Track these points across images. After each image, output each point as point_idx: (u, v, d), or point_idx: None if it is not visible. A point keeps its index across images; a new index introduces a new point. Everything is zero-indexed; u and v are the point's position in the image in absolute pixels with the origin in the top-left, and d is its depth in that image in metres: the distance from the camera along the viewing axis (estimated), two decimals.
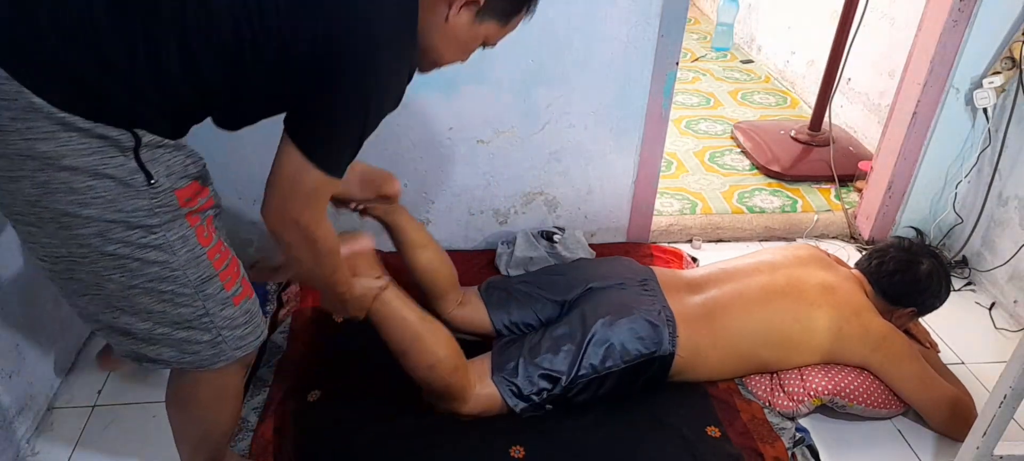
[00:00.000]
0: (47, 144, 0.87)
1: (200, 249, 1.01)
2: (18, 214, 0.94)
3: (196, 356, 1.06)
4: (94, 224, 0.92)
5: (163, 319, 1.01)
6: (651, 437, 1.43)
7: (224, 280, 1.05)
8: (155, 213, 0.95)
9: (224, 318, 1.05)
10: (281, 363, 1.59)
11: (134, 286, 0.97)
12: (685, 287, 1.59)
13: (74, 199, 0.90)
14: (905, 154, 2.06)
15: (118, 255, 0.94)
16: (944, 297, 1.63)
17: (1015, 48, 1.88)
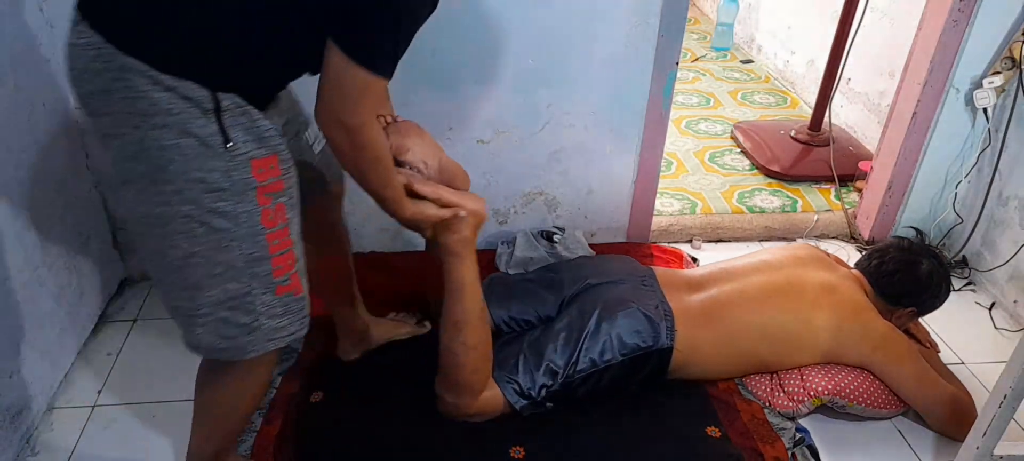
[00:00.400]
0: (142, 102, 0.94)
1: (261, 229, 1.05)
2: (121, 172, 1.02)
3: (232, 342, 1.09)
4: (176, 181, 0.98)
5: (210, 296, 1.05)
6: (651, 437, 1.43)
7: (275, 266, 1.07)
8: (229, 176, 1.00)
9: (264, 303, 1.08)
10: (291, 366, 1.59)
11: (194, 253, 1.02)
12: (685, 286, 1.59)
13: (163, 155, 0.97)
14: (905, 154, 2.07)
15: (190, 216, 1.00)
16: (944, 297, 1.63)
17: (1015, 48, 1.88)
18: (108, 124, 0.99)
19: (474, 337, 1.37)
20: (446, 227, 1.33)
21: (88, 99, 0.99)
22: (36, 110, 1.52)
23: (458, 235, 1.34)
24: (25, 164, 1.47)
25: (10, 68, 1.43)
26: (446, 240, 1.34)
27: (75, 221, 1.67)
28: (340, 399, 1.49)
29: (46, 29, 1.54)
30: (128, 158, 0.99)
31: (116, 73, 0.94)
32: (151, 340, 1.72)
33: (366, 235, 1.97)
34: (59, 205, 1.60)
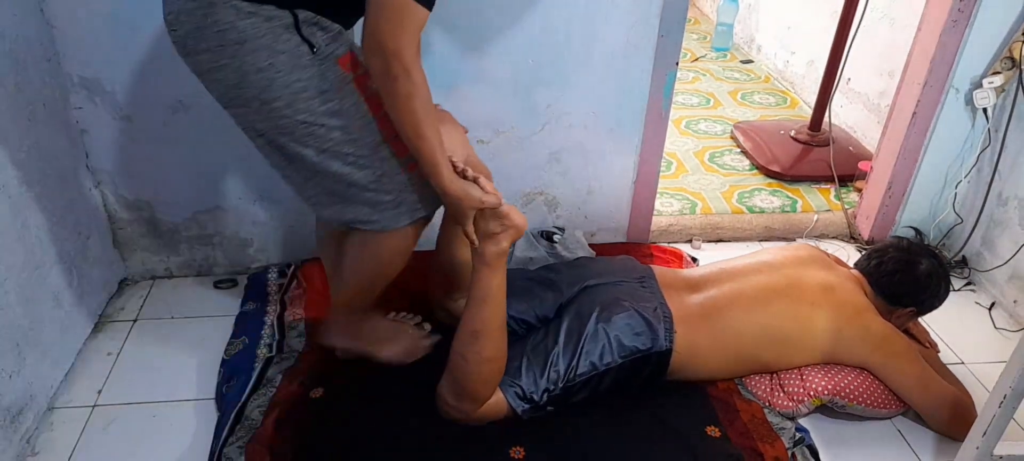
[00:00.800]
0: (231, 33, 1.04)
1: (371, 116, 1.15)
2: (229, 100, 1.13)
3: (383, 215, 1.21)
4: (283, 96, 1.08)
5: (353, 180, 1.17)
6: (651, 437, 1.43)
7: (395, 147, 1.17)
8: (325, 78, 1.10)
9: (400, 182, 1.20)
10: (292, 367, 1.59)
11: (325, 150, 1.14)
12: (685, 286, 1.59)
13: (262, 76, 1.07)
14: (905, 154, 2.07)
15: (307, 123, 1.11)
16: (943, 297, 1.63)
17: (1015, 48, 1.88)
18: (207, 60, 1.08)
19: (491, 349, 1.37)
20: (487, 236, 1.33)
21: (186, 40, 1.08)
22: (36, 110, 1.52)
23: (497, 247, 1.34)
24: (25, 164, 1.48)
25: (10, 68, 1.43)
26: (484, 248, 1.34)
27: (75, 221, 1.67)
28: (340, 396, 1.49)
29: (46, 29, 1.54)
30: (233, 87, 1.09)
31: (205, 10, 1.03)
32: (151, 340, 1.72)
33: None
34: (59, 205, 1.60)
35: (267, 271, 1.91)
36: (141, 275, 1.93)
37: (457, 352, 1.37)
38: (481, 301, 1.35)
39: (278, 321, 1.73)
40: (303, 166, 1.17)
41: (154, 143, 1.72)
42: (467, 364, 1.36)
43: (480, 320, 1.35)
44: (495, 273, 1.35)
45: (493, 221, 1.32)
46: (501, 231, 1.33)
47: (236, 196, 1.84)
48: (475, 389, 1.37)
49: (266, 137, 1.16)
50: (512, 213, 1.33)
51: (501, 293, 1.37)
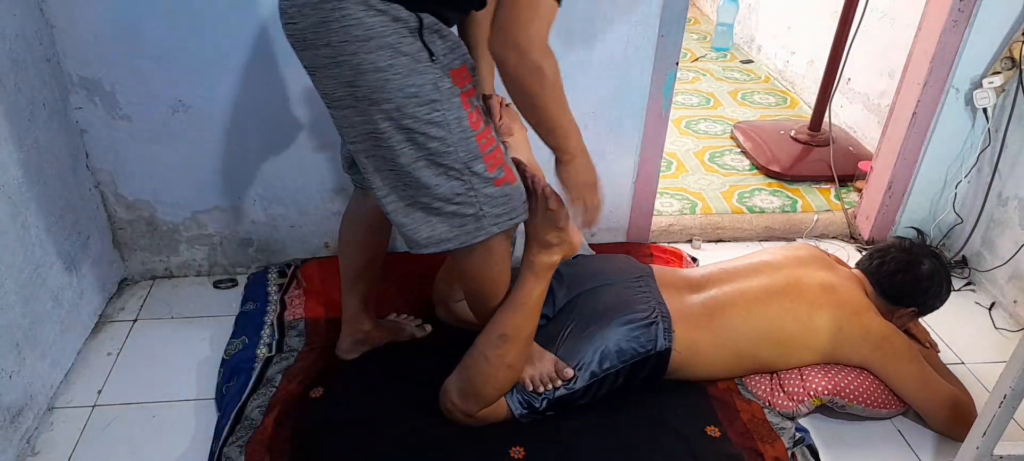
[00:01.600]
0: (358, 28, 1.04)
1: (470, 132, 1.16)
2: (338, 99, 1.13)
3: (462, 230, 1.21)
4: (395, 98, 1.09)
5: (438, 192, 1.17)
6: (651, 437, 1.43)
7: (488, 163, 1.19)
8: (437, 88, 1.11)
9: (486, 195, 1.20)
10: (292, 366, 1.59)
11: (420, 158, 1.14)
12: (685, 286, 1.59)
13: (380, 76, 1.07)
14: (905, 154, 2.07)
15: (410, 128, 1.11)
16: (945, 297, 1.63)
17: (1015, 48, 1.88)
18: (327, 54, 1.08)
19: (514, 356, 1.37)
20: (543, 247, 1.35)
21: (306, 33, 1.08)
22: (36, 110, 1.52)
23: (549, 259, 1.36)
24: (25, 164, 1.48)
25: (10, 68, 1.43)
26: (536, 257, 1.35)
27: (75, 221, 1.67)
28: (340, 396, 1.49)
29: (46, 29, 1.54)
30: (346, 84, 1.09)
31: (334, 3, 1.03)
32: (151, 340, 1.72)
33: None
34: (59, 205, 1.60)
35: (267, 271, 1.91)
36: (141, 275, 1.93)
37: (480, 352, 1.37)
38: (519, 307, 1.36)
39: (278, 321, 1.73)
40: (393, 171, 1.17)
41: (154, 143, 1.72)
42: (488, 365, 1.36)
43: (512, 326, 1.35)
44: (539, 283, 1.37)
45: (553, 232, 1.33)
46: (557, 244, 1.35)
47: (236, 196, 1.84)
48: (486, 392, 1.38)
49: (363, 138, 1.15)
50: (573, 230, 1.36)
51: (539, 305, 1.38)
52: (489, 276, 1.34)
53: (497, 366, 1.36)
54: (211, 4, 1.57)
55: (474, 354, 1.38)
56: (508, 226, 1.25)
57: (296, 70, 1.68)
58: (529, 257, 1.36)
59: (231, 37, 1.61)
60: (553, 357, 1.44)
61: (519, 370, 1.40)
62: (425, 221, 1.20)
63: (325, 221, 1.92)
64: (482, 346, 1.37)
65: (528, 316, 1.37)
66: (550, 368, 1.43)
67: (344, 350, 1.59)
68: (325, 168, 1.83)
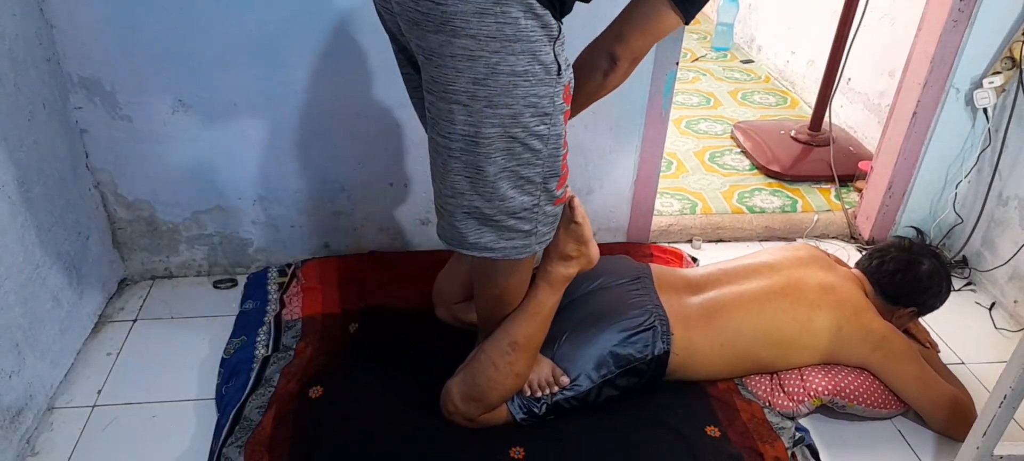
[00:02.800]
0: (512, 27, 1.01)
1: (560, 150, 1.16)
2: (452, 92, 1.07)
3: (510, 243, 1.21)
4: (516, 105, 1.07)
5: (508, 206, 1.16)
6: (651, 437, 1.43)
7: (559, 182, 1.20)
8: (553, 101, 1.10)
9: (545, 214, 1.21)
10: (289, 364, 1.59)
11: (506, 169, 1.13)
12: (684, 287, 1.59)
13: (512, 79, 1.05)
14: (905, 154, 2.06)
15: (515, 137, 1.10)
16: (945, 297, 1.63)
17: (1015, 48, 1.88)
18: (468, 45, 1.02)
19: (523, 365, 1.37)
20: (562, 258, 1.35)
21: (453, 18, 1.00)
22: (36, 110, 1.52)
23: (566, 271, 1.36)
24: (25, 164, 1.48)
25: (10, 68, 1.43)
26: (554, 268, 1.35)
27: (75, 221, 1.67)
28: (339, 396, 1.49)
29: (46, 29, 1.54)
30: (474, 81, 1.05)
31: None
32: (151, 340, 1.72)
33: (366, 235, 1.97)
34: (59, 205, 1.60)
35: (267, 271, 1.91)
36: (141, 275, 1.93)
37: (488, 358, 1.36)
38: (532, 316, 1.36)
39: (275, 319, 1.73)
40: (473, 177, 1.14)
41: (154, 143, 1.72)
42: (496, 372, 1.36)
43: (524, 335, 1.36)
44: (554, 294, 1.37)
45: (574, 245, 1.34)
46: (576, 257, 1.36)
47: (236, 196, 1.84)
48: (490, 398, 1.38)
49: (459, 138, 1.10)
50: (592, 244, 1.36)
51: (551, 316, 1.39)
52: (510, 285, 1.34)
53: (505, 373, 1.36)
54: (211, 4, 1.57)
55: (482, 360, 1.37)
56: (541, 247, 1.25)
57: (296, 70, 1.68)
58: (546, 267, 1.36)
59: (231, 37, 1.61)
60: (550, 363, 1.44)
61: (525, 378, 1.40)
62: (476, 228, 1.19)
63: (325, 221, 1.92)
64: (491, 353, 1.36)
65: (540, 326, 1.38)
66: (548, 373, 1.43)
67: None
68: (325, 168, 1.83)
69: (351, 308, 1.76)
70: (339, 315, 1.74)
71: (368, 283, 1.82)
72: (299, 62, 1.67)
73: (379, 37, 1.66)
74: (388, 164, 1.85)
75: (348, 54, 1.67)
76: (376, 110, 1.76)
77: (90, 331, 1.73)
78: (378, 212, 1.93)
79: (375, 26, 1.65)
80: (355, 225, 1.95)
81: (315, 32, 1.63)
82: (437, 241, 2.03)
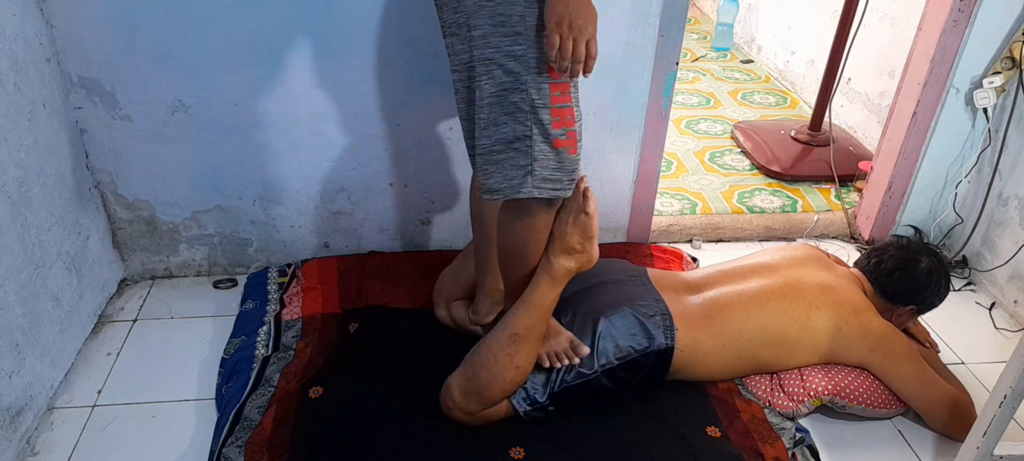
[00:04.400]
0: None
1: (547, 78, 1.17)
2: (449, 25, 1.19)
3: (510, 182, 1.22)
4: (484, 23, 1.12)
5: (502, 134, 1.19)
6: (651, 437, 1.43)
7: (553, 118, 1.19)
8: (524, 21, 1.12)
9: (540, 151, 1.20)
10: (289, 364, 1.59)
11: (493, 93, 1.16)
12: (683, 287, 1.59)
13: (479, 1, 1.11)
14: (905, 154, 2.06)
15: (491, 59, 1.14)
16: (944, 296, 1.63)
17: (1015, 48, 1.88)
18: None
19: (523, 358, 1.37)
20: (566, 251, 1.35)
21: None
22: (36, 110, 1.52)
23: (569, 265, 1.37)
24: (25, 164, 1.48)
25: (10, 68, 1.43)
26: (556, 261, 1.36)
27: (75, 221, 1.67)
28: (339, 395, 1.49)
29: (46, 29, 1.54)
30: (454, 9, 1.15)
31: None
32: (151, 340, 1.72)
33: (365, 235, 1.97)
34: (59, 205, 1.60)
35: (267, 271, 1.90)
36: (141, 275, 1.93)
37: (490, 351, 1.37)
38: (532, 308, 1.37)
39: (275, 319, 1.73)
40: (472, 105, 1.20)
41: (154, 143, 1.72)
42: (497, 365, 1.36)
43: (525, 327, 1.36)
44: (555, 287, 1.38)
45: (578, 237, 1.34)
46: (580, 252, 1.36)
47: (236, 196, 1.84)
48: (491, 392, 1.38)
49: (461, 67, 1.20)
50: (595, 243, 1.38)
51: (551, 309, 1.39)
52: (525, 240, 1.35)
53: (506, 366, 1.36)
54: (211, 4, 1.57)
55: (482, 353, 1.38)
56: (551, 195, 1.25)
57: (296, 70, 1.68)
58: (549, 257, 1.37)
59: (231, 37, 1.61)
60: (569, 334, 1.44)
61: (526, 372, 1.40)
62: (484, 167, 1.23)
63: (325, 221, 1.92)
64: (492, 346, 1.37)
65: (541, 318, 1.38)
66: (566, 345, 1.42)
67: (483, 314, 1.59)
68: (325, 168, 1.83)
69: (351, 308, 1.76)
70: (339, 315, 1.74)
71: (368, 283, 1.82)
72: (299, 62, 1.67)
73: (379, 37, 1.67)
74: (388, 164, 1.85)
75: (348, 54, 1.67)
76: (376, 110, 1.76)
77: (90, 331, 1.73)
78: (378, 212, 1.94)
79: (375, 26, 1.65)
80: (355, 225, 1.95)
81: (315, 32, 1.64)
82: (437, 241, 2.05)
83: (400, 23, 1.65)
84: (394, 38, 1.67)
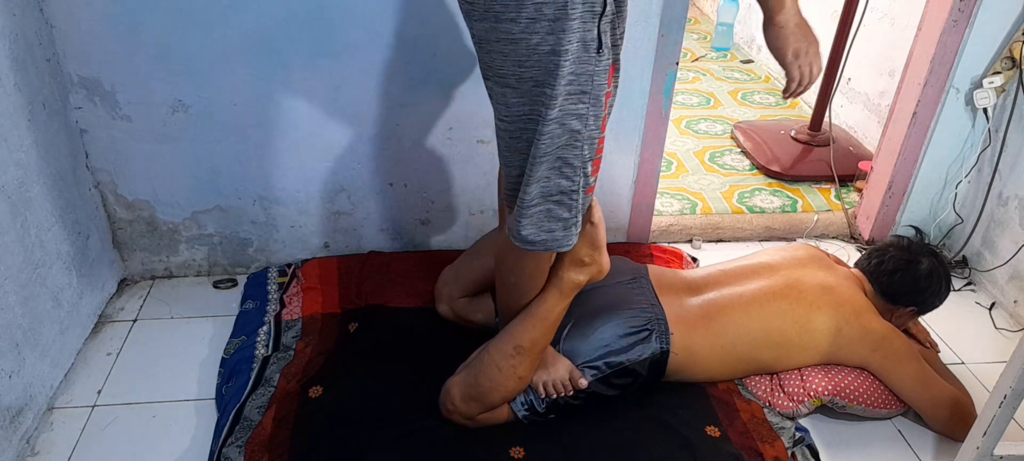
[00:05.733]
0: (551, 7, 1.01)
1: (598, 133, 1.15)
2: (501, 76, 1.10)
3: (552, 235, 1.19)
4: (557, 84, 1.06)
5: (546, 188, 1.15)
6: (651, 437, 1.43)
7: (594, 168, 1.18)
8: (592, 80, 1.08)
9: (582, 201, 1.19)
10: (289, 364, 1.59)
11: (547, 152, 1.11)
12: (683, 288, 1.58)
13: (555, 59, 1.04)
14: (905, 154, 2.06)
15: (555, 119, 1.09)
16: (944, 296, 1.63)
17: (1015, 48, 1.88)
18: (511, 30, 1.03)
19: (526, 368, 1.37)
20: (575, 264, 1.34)
21: (494, 4, 1.03)
22: (36, 110, 1.52)
23: (578, 277, 1.35)
24: (25, 164, 1.48)
25: (10, 68, 1.43)
26: (565, 274, 1.35)
27: (75, 221, 1.67)
28: (339, 395, 1.49)
29: (46, 29, 1.54)
30: (518, 63, 1.06)
31: None
32: (151, 340, 1.72)
33: (365, 235, 1.97)
34: (59, 205, 1.60)
35: (267, 271, 1.91)
36: (141, 275, 1.93)
37: (492, 360, 1.36)
38: (539, 321, 1.35)
39: (275, 319, 1.73)
40: (516, 159, 1.17)
41: (154, 143, 1.72)
42: (499, 374, 1.36)
43: (530, 339, 1.35)
44: (563, 300, 1.36)
45: (587, 248, 1.33)
46: (589, 264, 1.35)
47: (236, 196, 1.84)
48: (491, 399, 1.38)
49: (516, 119, 1.14)
50: (605, 253, 1.36)
51: (558, 322, 1.38)
52: (531, 271, 1.32)
53: (508, 376, 1.36)
54: (211, 4, 1.57)
55: (485, 361, 1.37)
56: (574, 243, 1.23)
57: (296, 70, 1.68)
58: (558, 271, 1.35)
59: (231, 37, 1.61)
60: (568, 363, 1.43)
61: (528, 381, 1.40)
62: (519, 219, 1.19)
63: (325, 221, 1.92)
64: (495, 355, 1.36)
65: (546, 331, 1.37)
66: (564, 374, 1.42)
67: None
68: (325, 168, 1.83)
69: (351, 308, 1.76)
70: (339, 315, 1.74)
71: (368, 283, 1.82)
72: (299, 62, 1.67)
73: (379, 37, 1.67)
74: (388, 164, 1.85)
75: (348, 54, 1.67)
76: (376, 110, 1.76)
77: (90, 331, 1.73)
78: (378, 212, 1.94)
79: (375, 26, 1.65)
80: (355, 225, 1.95)
81: (315, 32, 1.63)
82: (437, 241, 2.05)
83: (400, 23, 1.65)
84: (394, 38, 1.67)
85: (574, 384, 1.41)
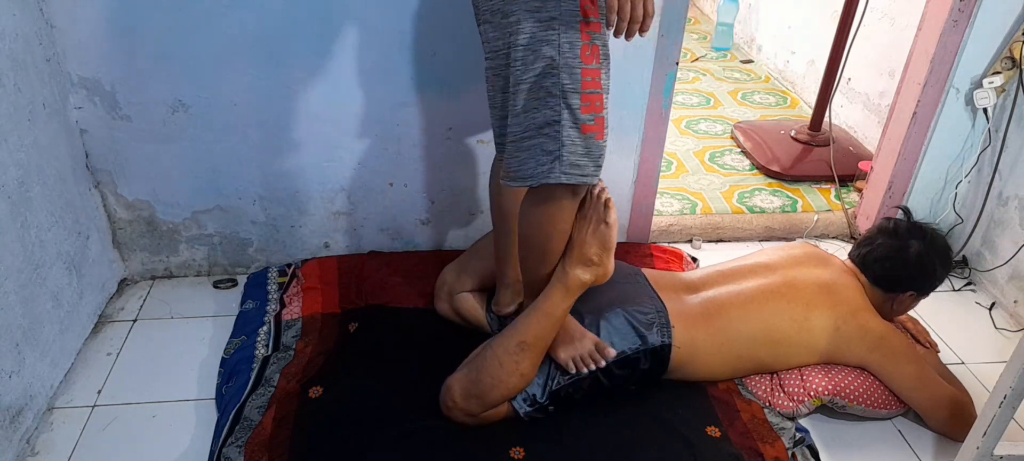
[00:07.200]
0: None
1: (578, 62, 1.15)
2: (483, 12, 1.20)
3: (539, 168, 1.20)
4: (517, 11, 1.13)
5: (533, 120, 1.18)
6: (651, 437, 1.43)
7: (583, 103, 1.18)
8: (560, 6, 1.12)
9: (569, 137, 1.18)
10: (289, 364, 1.59)
11: (526, 80, 1.16)
12: (682, 288, 1.59)
13: None
14: (905, 154, 2.06)
15: (525, 45, 1.14)
16: (942, 275, 1.60)
17: (1015, 48, 1.88)
18: None
19: (528, 365, 1.37)
20: (582, 262, 1.35)
21: None
22: (36, 110, 1.52)
23: (585, 276, 1.36)
24: (25, 164, 1.48)
25: (10, 68, 1.43)
26: (572, 272, 1.35)
27: (75, 221, 1.67)
28: (339, 395, 1.49)
29: (46, 29, 1.54)
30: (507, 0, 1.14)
31: None
32: (151, 340, 1.72)
33: (365, 235, 1.97)
34: (59, 205, 1.60)
35: (267, 271, 1.91)
36: (141, 275, 1.93)
37: (495, 356, 1.36)
38: (543, 317, 1.36)
39: (275, 319, 1.73)
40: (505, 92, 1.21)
41: (154, 143, 1.72)
42: (501, 370, 1.36)
43: (534, 335, 1.36)
44: (568, 298, 1.37)
45: (597, 248, 1.34)
46: (597, 264, 1.36)
47: (236, 196, 1.84)
48: (493, 396, 1.37)
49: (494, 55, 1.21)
50: (612, 256, 1.38)
51: (562, 319, 1.39)
52: (549, 230, 1.33)
53: (510, 372, 1.36)
54: (211, 4, 1.57)
55: (487, 357, 1.37)
56: (577, 181, 1.23)
57: (296, 70, 1.68)
58: (565, 268, 1.35)
59: (231, 37, 1.61)
60: (594, 337, 1.43)
61: (530, 379, 1.40)
62: (515, 154, 1.22)
63: (325, 221, 1.92)
64: (499, 352, 1.36)
65: (550, 328, 1.37)
66: (591, 348, 1.42)
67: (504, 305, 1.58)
68: (325, 168, 1.83)
69: (351, 308, 1.76)
70: (339, 315, 1.74)
71: (368, 283, 1.83)
72: (299, 62, 1.67)
73: (379, 36, 1.67)
74: (388, 164, 1.85)
75: (348, 54, 1.67)
76: (376, 110, 1.76)
77: (90, 331, 1.73)
78: (378, 212, 1.94)
79: (375, 26, 1.65)
80: (355, 225, 1.95)
81: (314, 32, 1.64)
82: (437, 241, 2.05)
83: (400, 23, 1.65)
84: (394, 38, 1.67)
85: (603, 355, 1.41)
